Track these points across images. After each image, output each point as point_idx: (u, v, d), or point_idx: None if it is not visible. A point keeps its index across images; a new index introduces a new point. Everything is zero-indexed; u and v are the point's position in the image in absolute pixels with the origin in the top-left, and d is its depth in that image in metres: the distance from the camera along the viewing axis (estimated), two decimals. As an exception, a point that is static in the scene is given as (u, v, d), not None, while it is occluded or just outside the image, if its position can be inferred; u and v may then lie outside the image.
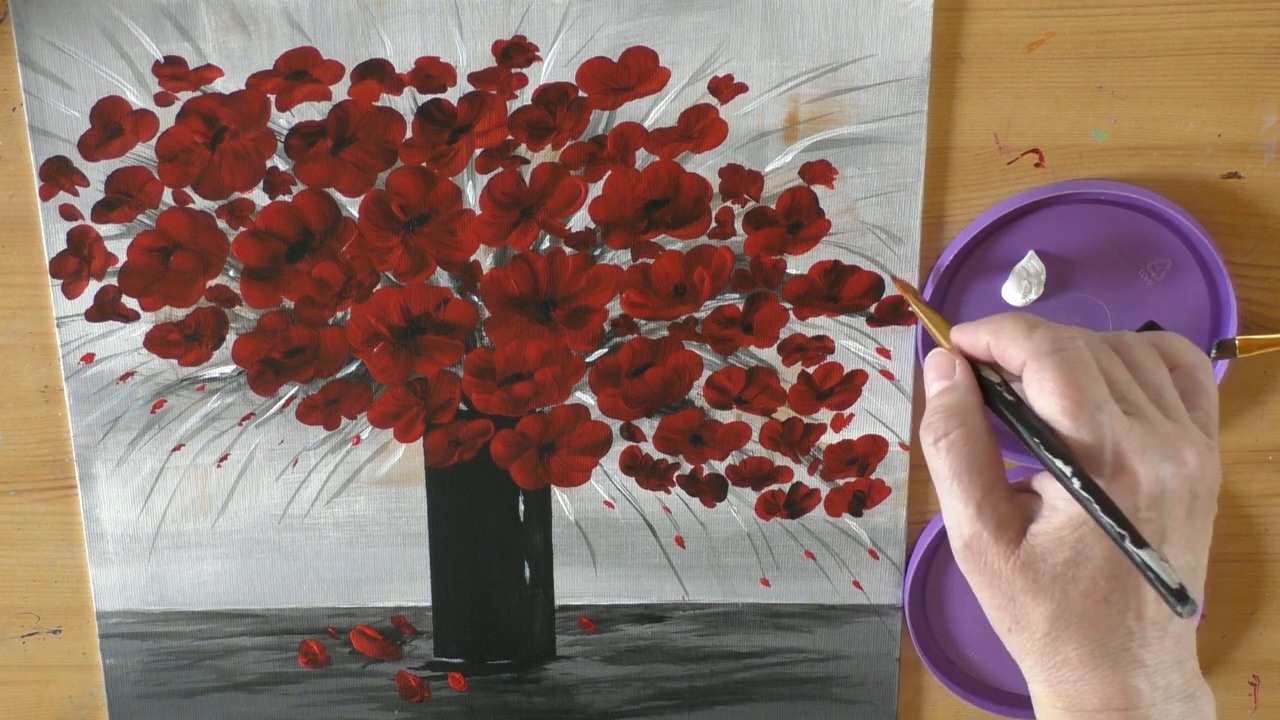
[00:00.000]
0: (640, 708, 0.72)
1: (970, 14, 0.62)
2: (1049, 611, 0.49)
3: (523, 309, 0.66)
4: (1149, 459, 0.47)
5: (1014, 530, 0.49)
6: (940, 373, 0.53)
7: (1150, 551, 0.45)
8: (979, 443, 0.50)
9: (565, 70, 0.62)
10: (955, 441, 0.50)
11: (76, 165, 0.64)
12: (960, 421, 0.51)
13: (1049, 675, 0.50)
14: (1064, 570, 0.48)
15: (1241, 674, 0.72)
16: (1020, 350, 0.50)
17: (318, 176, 0.64)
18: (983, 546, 0.49)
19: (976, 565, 0.50)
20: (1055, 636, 0.49)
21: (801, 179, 0.64)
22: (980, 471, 0.50)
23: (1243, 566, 0.70)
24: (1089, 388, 0.48)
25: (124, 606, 0.70)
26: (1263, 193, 0.64)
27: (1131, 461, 0.47)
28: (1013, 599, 0.49)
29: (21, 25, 0.62)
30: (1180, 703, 0.49)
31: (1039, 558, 0.49)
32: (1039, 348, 0.49)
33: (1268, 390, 0.67)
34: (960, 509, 0.50)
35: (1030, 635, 0.50)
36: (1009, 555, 0.49)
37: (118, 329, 0.66)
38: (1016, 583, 0.49)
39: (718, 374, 0.67)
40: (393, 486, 0.69)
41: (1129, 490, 0.47)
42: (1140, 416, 0.48)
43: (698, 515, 0.69)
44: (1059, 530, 0.48)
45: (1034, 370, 0.49)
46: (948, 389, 0.52)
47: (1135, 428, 0.48)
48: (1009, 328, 0.50)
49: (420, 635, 0.71)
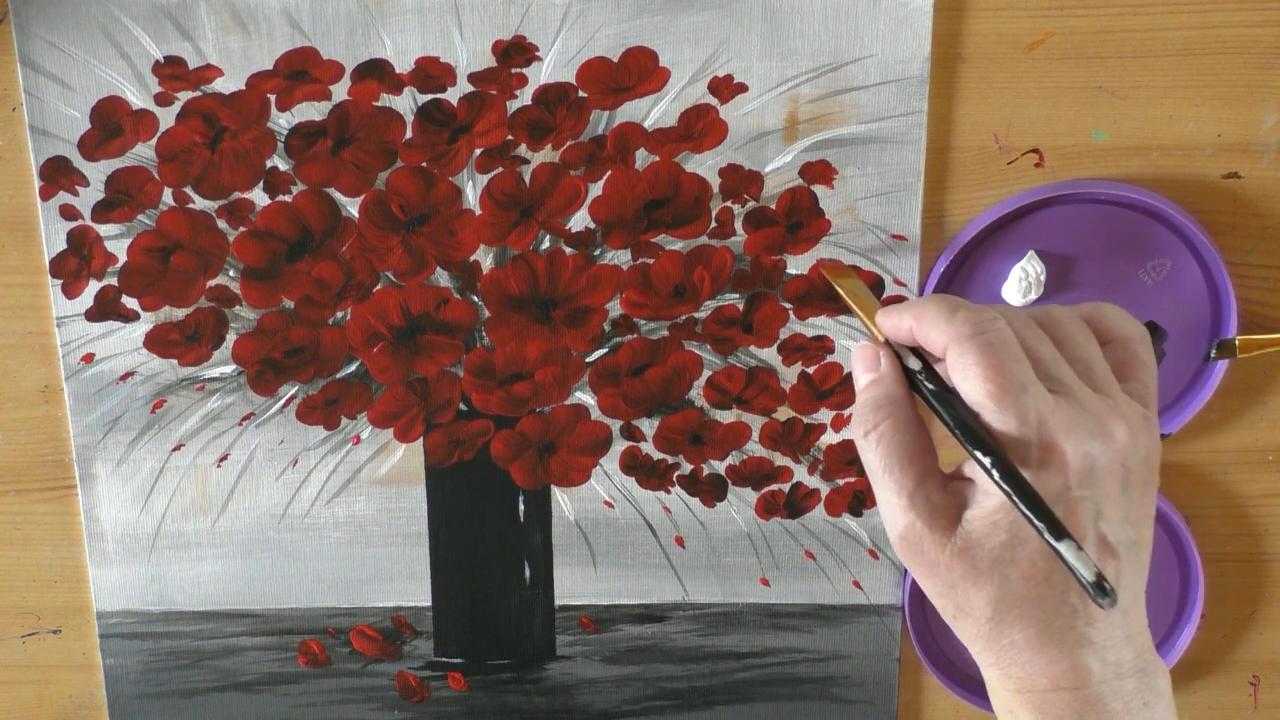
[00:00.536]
0: (640, 708, 0.72)
1: (970, 14, 0.62)
2: (990, 596, 0.48)
3: (523, 309, 0.66)
4: (1075, 437, 0.47)
5: (948, 518, 0.49)
6: (866, 365, 0.53)
7: (1068, 543, 0.44)
8: (908, 433, 0.50)
9: (565, 70, 0.62)
10: (884, 433, 0.50)
11: (76, 165, 0.64)
12: (888, 413, 0.50)
13: (998, 659, 0.50)
14: (1001, 554, 0.48)
15: (1241, 674, 0.72)
16: (942, 335, 0.49)
17: (318, 176, 0.64)
18: (917, 537, 0.49)
19: (913, 556, 0.50)
20: (999, 620, 0.49)
21: (801, 179, 0.64)
22: (911, 461, 0.50)
23: (1243, 566, 0.70)
24: (1012, 369, 0.47)
25: (124, 606, 0.70)
26: (1263, 193, 0.64)
27: (1059, 440, 0.47)
28: (953, 586, 0.49)
29: (21, 25, 0.62)
30: (1133, 678, 0.49)
31: (975, 543, 0.48)
32: (960, 331, 0.48)
33: (1268, 390, 0.67)
34: (894, 500, 0.50)
35: (975, 621, 0.49)
36: (945, 543, 0.49)
37: (118, 329, 0.66)
38: (955, 570, 0.49)
39: (718, 374, 0.67)
40: (393, 486, 0.69)
41: (1058, 470, 0.47)
42: (1066, 394, 0.48)
43: (698, 515, 0.69)
44: (992, 514, 0.48)
45: (956, 355, 0.48)
46: (874, 381, 0.52)
47: (1061, 406, 0.47)
48: (930, 312, 0.50)
49: (420, 635, 0.71)
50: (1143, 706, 0.49)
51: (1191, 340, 0.65)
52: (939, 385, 0.50)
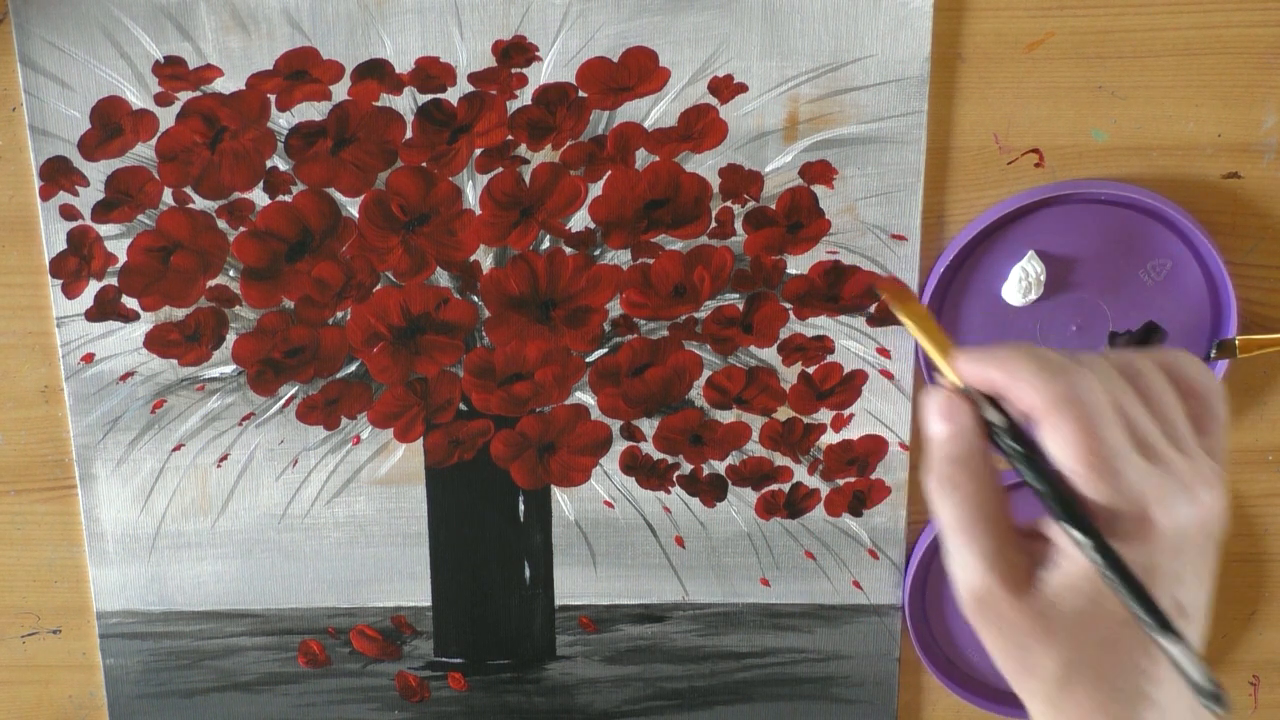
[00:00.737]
0: (640, 708, 0.72)
1: (970, 14, 0.62)
2: (1062, 658, 0.48)
3: (523, 309, 0.66)
4: (1167, 506, 0.46)
5: (1024, 577, 0.48)
6: (944, 415, 0.50)
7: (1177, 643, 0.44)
8: (988, 492, 0.48)
9: (565, 70, 0.62)
10: (967, 494, 0.48)
11: (76, 165, 0.64)
12: (970, 473, 0.48)
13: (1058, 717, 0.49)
14: (1077, 618, 0.47)
15: (1241, 674, 0.72)
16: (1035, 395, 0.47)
17: (318, 176, 0.64)
18: (994, 599, 0.48)
19: (986, 615, 0.48)
20: (1068, 681, 0.48)
21: (801, 179, 0.64)
22: (991, 522, 0.48)
23: (1243, 566, 0.70)
24: (1109, 438, 0.46)
25: (124, 606, 0.70)
26: (1263, 193, 0.64)
27: (1152, 511, 0.46)
28: (1023, 647, 0.48)
29: (21, 25, 0.62)
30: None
31: (1051, 606, 0.47)
32: (1057, 395, 0.47)
33: (1268, 390, 0.67)
34: (971, 562, 0.48)
35: (1040, 681, 0.48)
36: (1019, 605, 0.48)
37: (118, 329, 0.66)
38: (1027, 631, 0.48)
39: (718, 374, 0.67)
40: (393, 486, 0.69)
41: (1149, 540, 0.46)
42: (1158, 461, 0.47)
43: (698, 515, 0.69)
44: (1073, 578, 0.47)
45: (1053, 422, 0.47)
46: (954, 435, 0.49)
47: (1153, 474, 0.46)
48: (1023, 370, 0.48)
49: (420, 635, 0.71)
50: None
51: (1191, 340, 0.65)
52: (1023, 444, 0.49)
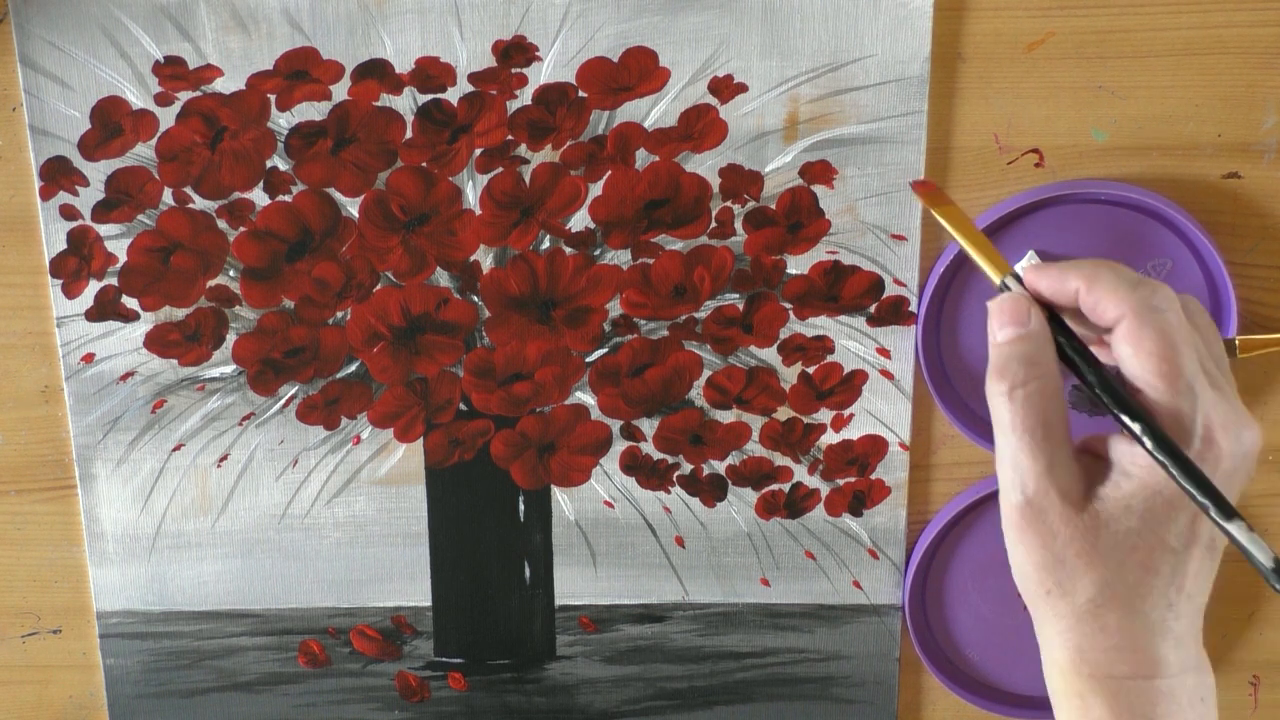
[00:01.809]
0: (640, 708, 0.72)
1: (970, 14, 0.62)
2: (1100, 578, 0.48)
3: (523, 309, 0.66)
4: (1232, 433, 0.47)
5: (1079, 492, 0.48)
6: (1014, 318, 0.50)
7: (1239, 524, 0.44)
8: (1053, 397, 0.48)
9: (565, 70, 0.62)
10: (1033, 394, 0.48)
11: (76, 165, 0.64)
12: (1039, 372, 0.48)
13: (1081, 641, 0.49)
14: (1125, 539, 0.47)
15: (1241, 674, 0.72)
16: (1120, 304, 0.47)
17: (318, 176, 0.64)
18: (1047, 506, 0.48)
19: (1033, 525, 0.48)
20: (1100, 604, 0.48)
21: (801, 179, 0.64)
22: (1053, 427, 0.48)
23: (1243, 566, 0.70)
24: (1187, 355, 0.47)
25: (124, 606, 0.70)
26: (1263, 193, 0.64)
27: (1217, 435, 0.46)
28: (1063, 562, 0.48)
29: (21, 25, 0.62)
30: (1194, 674, 0.49)
31: (1102, 524, 0.47)
32: (1143, 303, 0.47)
33: (1268, 390, 0.67)
34: (1028, 464, 0.48)
35: (1071, 601, 0.49)
36: (1072, 518, 0.48)
37: (118, 329, 0.66)
38: (1073, 547, 0.48)
39: (718, 374, 0.67)
40: (393, 486, 0.69)
41: (1212, 464, 0.47)
42: (1220, 389, 0.48)
43: (698, 515, 0.69)
44: (1129, 497, 0.47)
45: (1134, 327, 0.47)
46: (1024, 336, 0.49)
47: (1220, 401, 0.47)
48: (1107, 278, 0.48)
49: (420, 635, 0.71)
50: (1200, 701, 0.49)
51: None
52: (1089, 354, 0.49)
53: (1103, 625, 0.49)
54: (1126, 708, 0.49)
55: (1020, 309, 0.50)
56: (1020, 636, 0.71)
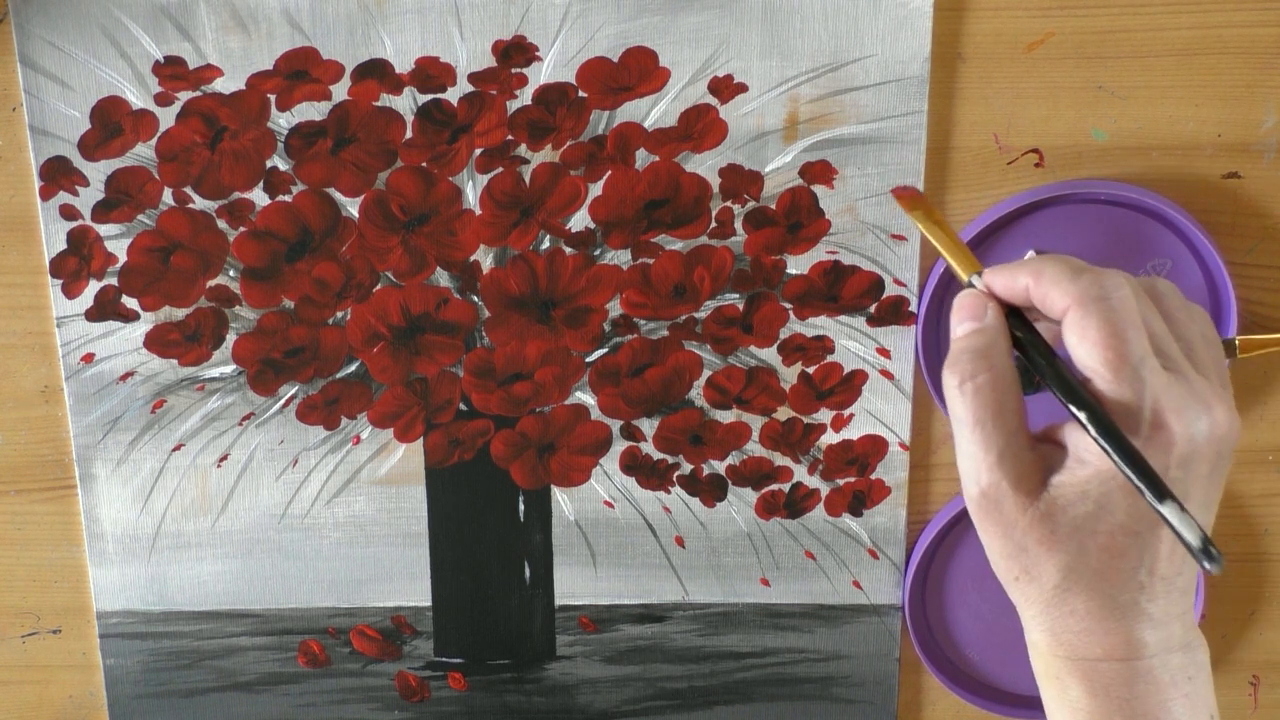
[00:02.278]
0: (640, 708, 0.72)
1: (970, 14, 0.62)
2: (1062, 564, 0.48)
3: (523, 309, 0.66)
4: (1185, 417, 0.46)
5: (1034, 480, 0.48)
6: (971, 314, 0.51)
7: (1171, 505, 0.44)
8: (1005, 388, 0.49)
9: (565, 70, 0.62)
10: (982, 385, 0.49)
11: (76, 165, 0.64)
12: (988, 365, 0.49)
13: (1053, 624, 0.50)
14: (1083, 523, 0.48)
15: (1241, 674, 0.72)
16: (1064, 295, 0.48)
17: (318, 176, 0.64)
18: (1000, 496, 0.48)
19: (990, 514, 0.49)
20: (1066, 589, 0.49)
21: (801, 179, 0.64)
22: (1004, 418, 0.49)
23: (1243, 566, 0.70)
24: (1132, 339, 0.47)
25: (124, 606, 0.70)
26: (1263, 193, 0.64)
27: (1168, 419, 0.46)
28: (1025, 550, 0.49)
29: (21, 25, 0.62)
30: (1180, 652, 0.49)
31: (1059, 509, 0.48)
32: (1085, 293, 0.47)
33: (1268, 390, 0.67)
34: (980, 456, 0.49)
35: (1039, 586, 0.49)
36: (1027, 506, 0.48)
37: (118, 329, 0.66)
38: (1032, 534, 0.48)
39: (718, 374, 0.67)
40: (393, 486, 0.69)
41: (1163, 449, 0.46)
42: (1177, 372, 0.48)
43: (698, 515, 0.69)
44: (1084, 483, 0.48)
45: (1078, 317, 0.47)
46: (978, 330, 0.50)
47: (1174, 384, 0.47)
48: (1051, 271, 0.49)
49: (420, 635, 0.71)
50: (1187, 679, 0.49)
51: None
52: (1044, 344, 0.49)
53: (1071, 609, 0.49)
54: (1102, 689, 0.49)
55: (977, 305, 0.51)
56: (1020, 636, 0.70)
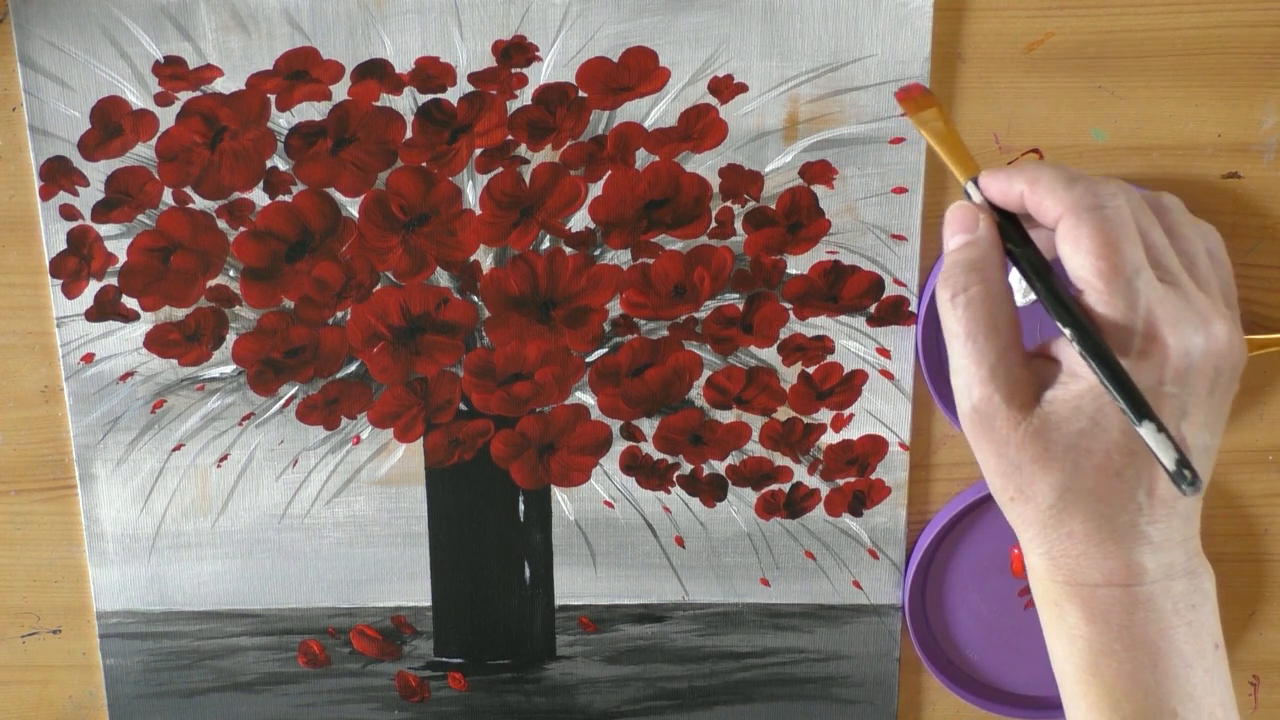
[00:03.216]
0: (640, 708, 0.72)
1: (970, 14, 0.62)
2: (1057, 482, 0.47)
3: (523, 309, 0.66)
4: (1180, 331, 0.45)
5: (1027, 396, 0.47)
6: (962, 226, 0.50)
7: (1149, 425, 0.43)
8: (997, 301, 0.48)
9: (565, 70, 0.62)
10: (974, 298, 0.47)
11: (76, 165, 0.64)
12: (981, 277, 0.48)
13: (1051, 548, 0.48)
14: (1078, 440, 0.46)
15: (1241, 674, 0.72)
16: (1058, 203, 0.47)
17: (318, 176, 0.64)
18: (992, 411, 0.47)
19: (983, 431, 0.48)
20: (1062, 509, 0.47)
21: (801, 179, 0.64)
22: (996, 331, 0.47)
23: (1243, 566, 0.70)
24: (1127, 250, 0.45)
25: (124, 606, 0.70)
26: (1263, 193, 0.64)
27: (1163, 332, 0.45)
28: (1019, 468, 0.47)
29: (21, 25, 0.62)
30: (1183, 579, 0.48)
31: (1052, 426, 0.47)
32: (1079, 202, 0.46)
33: (1268, 390, 0.67)
34: (972, 370, 0.47)
35: (1034, 506, 0.48)
36: (1020, 421, 0.47)
37: (118, 329, 0.66)
38: (1026, 451, 0.47)
39: (718, 374, 0.67)
40: (393, 486, 0.69)
41: (1157, 362, 0.45)
42: (1174, 285, 0.46)
43: (698, 515, 0.69)
44: (1078, 398, 0.46)
45: (1070, 226, 0.46)
46: (969, 243, 0.49)
47: (1170, 297, 0.45)
48: (1046, 178, 0.47)
49: (420, 635, 0.71)
50: (1190, 608, 0.48)
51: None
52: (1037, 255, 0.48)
53: (1068, 531, 0.48)
54: (1101, 615, 0.48)
55: (968, 217, 0.50)
56: (1020, 636, 0.71)
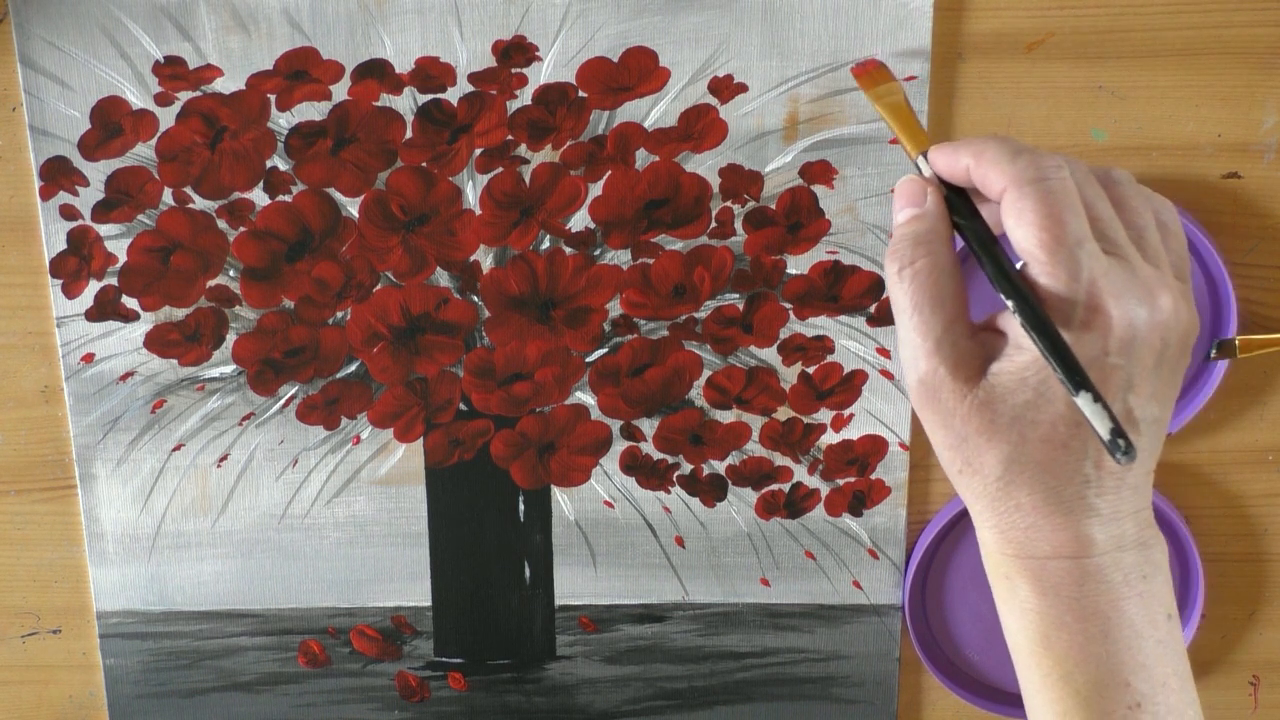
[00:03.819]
0: (640, 708, 0.72)
1: (970, 14, 0.62)
2: (1004, 454, 0.47)
3: (523, 309, 0.66)
4: (1124, 302, 0.45)
5: (973, 368, 0.47)
6: (910, 199, 0.50)
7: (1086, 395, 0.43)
8: (943, 274, 0.48)
9: (565, 70, 0.62)
10: (920, 271, 0.48)
11: (76, 165, 0.64)
12: (927, 250, 0.48)
13: (999, 521, 0.48)
14: (1023, 412, 0.46)
15: (1241, 674, 0.72)
16: (1002, 176, 0.47)
17: (318, 176, 0.64)
18: (938, 383, 0.47)
19: (930, 403, 0.48)
20: (1009, 481, 0.47)
21: (801, 179, 0.64)
22: (942, 304, 0.48)
23: (1242, 566, 0.70)
24: (1070, 222, 0.45)
25: (124, 606, 0.70)
26: (1263, 193, 0.64)
27: (1106, 303, 0.45)
28: (966, 440, 0.47)
29: (21, 25, 0.62)
30: (1134, 551, 0.48)
31: (998, 398, 0.47)
32: (1022, 174, 0.46)
33: (1268, 390, 0.67)
34: (918, 343, 0.48)
35: (982, 479, 0.48)
36: (965, 394, 0.47)
37: (118, 329, 0.66)
38: (972, 423, 0.47)
39: (718, 374, 0.67)
40: (393, 486, 0.69)
41: (1100, 333, 0.45)
42: (1120, 257, 0.46)
43: (698, 515, 0.69)
44: (1022, 370, 0.46)
45: (1014, 199, 0.46)
46: (917, 216, 0.49)
47: (1114, 268, 0.46)
48: (991, 151, 0.48)
49: (420, 635, 0.71)
50: (1141, 579, 0.48)
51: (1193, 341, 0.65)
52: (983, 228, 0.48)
53: (1016, 504, 0.48)
54: (1051, 588, 0.48)
55: (917, 190, 0.50)
56: (1020, 636, 0.71)
